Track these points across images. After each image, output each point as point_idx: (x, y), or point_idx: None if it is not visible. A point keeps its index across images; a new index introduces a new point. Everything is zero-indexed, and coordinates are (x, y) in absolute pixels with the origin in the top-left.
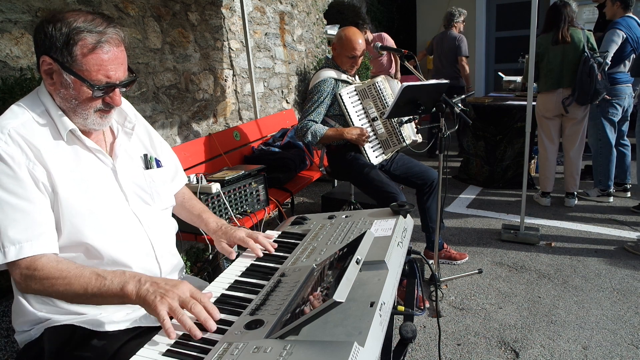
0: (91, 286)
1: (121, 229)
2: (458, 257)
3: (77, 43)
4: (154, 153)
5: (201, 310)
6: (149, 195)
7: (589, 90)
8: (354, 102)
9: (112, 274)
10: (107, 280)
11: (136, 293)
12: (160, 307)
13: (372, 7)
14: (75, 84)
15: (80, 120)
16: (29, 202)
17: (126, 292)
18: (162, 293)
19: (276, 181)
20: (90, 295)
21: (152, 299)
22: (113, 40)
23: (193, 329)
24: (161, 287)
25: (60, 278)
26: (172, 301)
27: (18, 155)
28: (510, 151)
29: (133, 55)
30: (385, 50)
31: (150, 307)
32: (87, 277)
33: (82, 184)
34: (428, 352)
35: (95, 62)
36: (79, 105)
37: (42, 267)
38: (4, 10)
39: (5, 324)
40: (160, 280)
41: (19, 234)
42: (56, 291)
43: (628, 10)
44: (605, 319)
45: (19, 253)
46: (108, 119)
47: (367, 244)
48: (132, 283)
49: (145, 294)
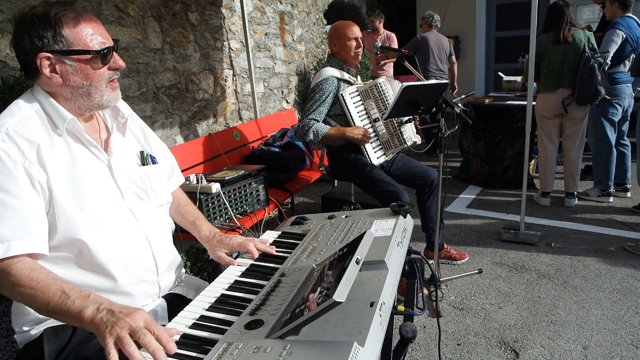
0: (53, 302)
1: (117, 225)
2: (458, 257)
3: (62, 24)
4: (149, 149)
5: (151, 341)
6: (143, 192)
7: (590, 91)
8: (356, 103)
9: (77, 293)
10: (69, 300)
11: (91, 320)
12: (108, 338)
13: (372, 7)
14: (80, 63)
15: (97, 101)
16: (21, 201)
17: (82, 316)
18: (113, 322)
19: (276, 181)
20: (51, 311)
21: (103, 329)
22: (87, 8)
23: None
24: (115, 315)
25: (28, 287)
26: (122, 331)
27: (15, 153)
28: (510, 151)
29: (133, 55)
30: (385, 50)
31: (100, 336)
32: (52, 293)
33: (78, 180)
34: (428, 352)
35: (85, 32)
36: (92, 84)
37: (15, 273)
38: (4, 10)
39: (5, 324)
40: (116, 308)
41: (8, 231)
42: (23, 299)
43: (627, 10)
44: (605, 319)
45: (7, 251)
46: (118, 91)
47: (367, 244)
48: (91, 309)
49: (99, 323)
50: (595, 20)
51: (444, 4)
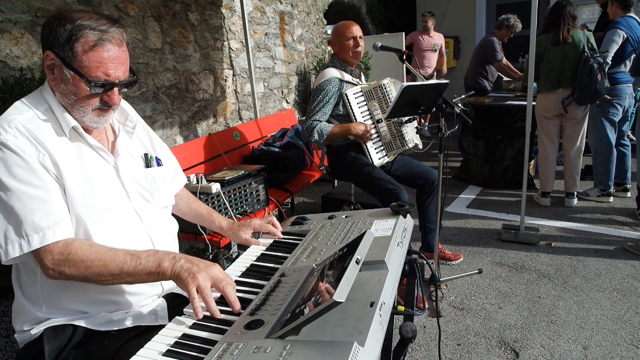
0: (127, 265)
1: (122, 225)
2: (453, 258)
3: (79, 39)
4: (154, 153)
5: (232, 291)
6: (149, 193)
7: (589, 91)
8: (360, 103)
9: (145, 253)
10: (142, 259)
11: (171, 269)
12: (191, 284)
13: (372, 7)
14: (75, 79)
15: (78, 117)
16: (46, 191)
17: (162, 268)
18: (196, 271)
19: (276, 181)
20: (125, 275)
21: (186, 276)
22: (115, 40)
23: (216, 311)
24: (195, 264)
25: (96, 260)
26: (204, 281)
27: (27, 147)
28: (510, 151)
29: (133, 55)
30: (385, 50)
31: (183, 283)
32: (121, 258)
33: (86, 180)
34: (428, 352)
35: (95, 59)
36: (77, 102)
37: (76, 251)
38: (4, 10)
39: (5, 324)
40: (194, 259)
41: (40, 221)
42: (92, 273)
43: (627, 10)
44: (605, 319)
45: (43, 240)
46: (106, 118)
47: (367, 244)
48: (168, 260)
49: (180, 270)
50: (595, 20)
51: (444, 4)
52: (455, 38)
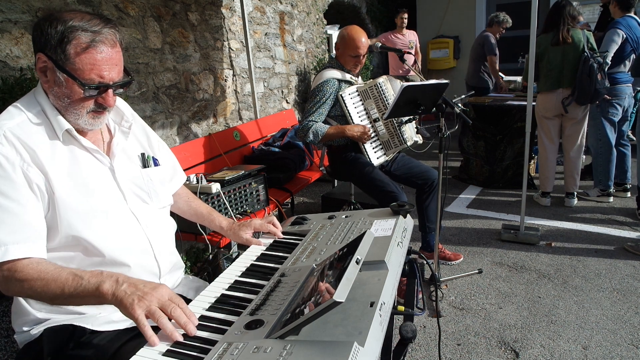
0: (68, 286)
1: (119, 227)
2: (453, 258)
3: (71, 41)
4: (152, 152)
5: (181, 314)
6: (146, 194)
7: (589, 91)
8: (356, 103)
9: (89, 273)
10: (83, 280)
11: (112, 293)
12: (137, 310)
13: (372, 7)
14: (68, 82)
15: (72, 120)
16: (19, 204)
17: (101, 291)
18: (140, 295)
19: (276, 181)
20: (67, 296)
21: (130, 302)
22: (108, 41)
23: (174, 333)
24: (139, 289)
25: (38, 280)
26: (151, 304)
27: (12, 156)
28: (510, 151)
29: (133, 55)
30: (385, 50)
31: (127, 309)
32: (64, 278)
33: (80, 184)
34: (428, 352)
35: (88, 62)
36: (71, 105)
37: (22, 269)
38: (4, 10)
39: (5, 324)
40: (138, 282)
41: (6, 235)
42: (34, 293)
43: (627, 10)
44: (605, 319)
45: (5, 255)
46: (101, 120)
47: (367, 244)
48: (109, 282)
49: (123, 296)
50: (595, 20)
51: (444, 4)
52: (455, 38)
